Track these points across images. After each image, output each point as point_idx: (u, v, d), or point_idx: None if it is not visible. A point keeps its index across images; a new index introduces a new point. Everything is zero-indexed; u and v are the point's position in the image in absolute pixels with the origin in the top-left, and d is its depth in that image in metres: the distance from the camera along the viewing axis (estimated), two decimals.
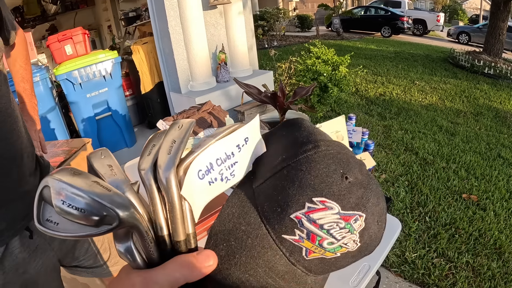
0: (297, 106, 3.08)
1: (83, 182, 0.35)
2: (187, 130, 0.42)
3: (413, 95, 6.04)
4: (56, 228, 0.36)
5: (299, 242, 0.42)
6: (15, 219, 1.00)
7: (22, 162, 1.00)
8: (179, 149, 0.40)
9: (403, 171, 3.56)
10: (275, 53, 4.94)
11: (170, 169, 0.38)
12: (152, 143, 0.43)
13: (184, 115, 2.02)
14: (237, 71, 4.10)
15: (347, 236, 0.43)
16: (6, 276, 1.02)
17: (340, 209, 0.41)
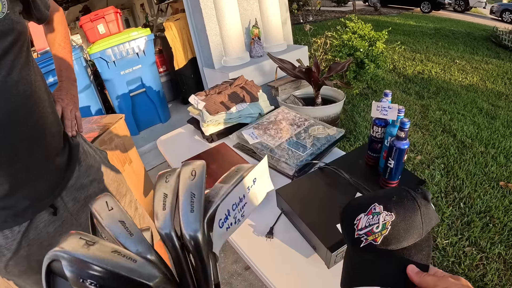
0: (332, 82, 3.04)
1: (103, 254, 0.32)
2: (202, 176, 0.43)
3: (453, 75, 5.82)
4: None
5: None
6: (39, 197, 1.02)
7: (45, 142, 1.01)
8: (201, 203, 0.39)
9: (440, 154, 3.45)
10: (310, 28, 4.82)
11: (198, 230, 0.38)
12: (162, 192, 0.42)
13: (216, 89, 2.00)
14: (271, 46, 4.03)
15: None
16: (30, 248, 1.04)
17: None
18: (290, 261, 1.19)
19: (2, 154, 0.88)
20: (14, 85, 0.88)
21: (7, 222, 0.97)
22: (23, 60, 0.92)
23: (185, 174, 0.42)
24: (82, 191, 1.18)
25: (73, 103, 1.28)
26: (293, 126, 1.77)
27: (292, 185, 1.38)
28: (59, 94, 1.27)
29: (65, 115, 1.21)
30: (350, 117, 4.21)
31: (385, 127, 1.33)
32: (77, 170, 1.17)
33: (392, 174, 1.26)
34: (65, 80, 1.33)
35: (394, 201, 0.67)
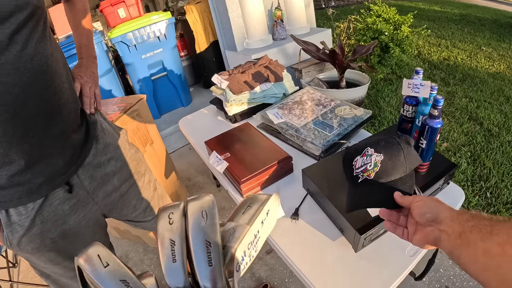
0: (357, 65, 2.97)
1: None
2: (214, 217, 0.37)
3: (479, 62, 5.65)
4: None
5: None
6: (55, 174, 1.00)
7: (61, 117, 0.99)
8: (219, 254, 0.35)
9: (466, 141, 3.35)
10: (333, 12, 4.74)
11: (221, 284, 0.34)
12: (168, 238, 0.36)
13: (240, 69, 1.97)
14: (294, 29, 3.96)
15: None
16: (44, 225, 1.03)
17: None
18: (315, 243, 1.16)
19: (17, 129, 0.86)
20: (29, 59, 0.86)
21: (21, 199, 0.96)
22: (39, 35, 0.90)
23: (193, 215, 0.37)
24: (99, 169, 1.16)
25: (93, 80, 1.27)
26: (319, 106, 1.73)
27: (319, 165, 1.34)
28: (78, 71, 1.25)
29: (83, 92, 1.20)
30: (374, 102, 4.14)
31: (417, 106, 1.28)
32: (94, 147, 1.15)
33: (424, 154, 1.22)
34: (85, 58, 1.32)
35: (382, 145, 0.91)
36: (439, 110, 1.10)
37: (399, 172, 0.87)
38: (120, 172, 1.25)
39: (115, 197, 1.24)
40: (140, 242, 2.54)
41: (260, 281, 2.16)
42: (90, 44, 1.35)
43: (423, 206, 0.68)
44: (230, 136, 1.67)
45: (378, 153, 0.90)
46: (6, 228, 0.99)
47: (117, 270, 0.35)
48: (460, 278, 2.04)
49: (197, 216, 0.37)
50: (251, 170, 1.38)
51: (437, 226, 0.62)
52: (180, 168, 3.31)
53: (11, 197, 0.95)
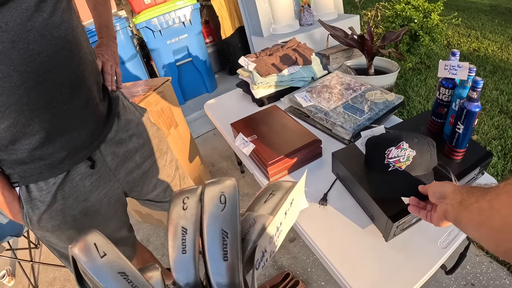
0: (386, 51, 2.90)
1: None
2: (235, 204, 0.32)
3: (511, 54, 5.49)
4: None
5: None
6: (77, 148, 0.99)
7: (85, 88, 0.99)
8: (238, 247, 0.30)
9: (497, 135, 3.26)
10: (360, 0, 4.65)
11: (238, 281, 0.30)
12: (180, 226, 0.32)
13: (268, 51, 1.94)
14: (321, 15, 3.89)
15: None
16: (66, 201, 1.02)
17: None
18: (344, 230, 1.13)
19: (41, 97, 0.85)
20: (56, 27, 0.86)
21: (42, 173, 0.96)
22: (65, 5, 0.90)
23: (210, 200, 0.32)
24: (121, 146, 1.16)
25: (114, 59, 1.28)
26: (349, 90, 1.68)
27: (349, 149, 1.31)
28: (99, 50, 1.26)
29: (105, 70, 1.21)
30: (403, 91, 4.06)
31: (453, 89, 1.22)
32: (116, 124, 1.15)
33: (460, 140, 1.16)
34: (105, 37, 1.32)
35: (415, 142, 1.02)
36: (479, 92, 1.05)
37: (422, 169, 1.03)
38: (142, 149, 1.25)
39: (137, 174, 1.23)
40: (162, 226, 2.55)
41: (282, 269, 2.14)
42: (109, 24, 1.35)
43: (433, 187, 0.78)
44: (257, 119, 1.64)
45: (412, 149, 1.02)
46: (26, 204, 0.98)
47: (115, 262, 0.30)
48: (487, 277, 1.99)
49: (215, 201, 0.32)
50: (279, 152, 1.35)
51: (444, 201, 0.71)
52: (204, 153, 3.30)
53: (32, 172, 0.94)
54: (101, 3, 1.32)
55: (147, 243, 2.46)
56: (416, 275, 0.98)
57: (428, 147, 1.03)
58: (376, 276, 0.99)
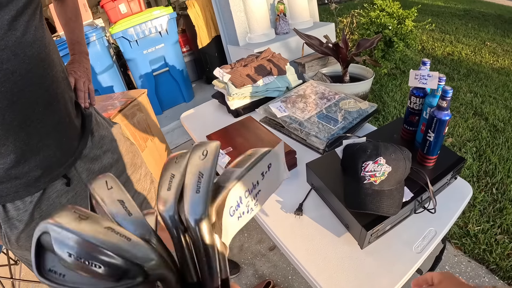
0: (361, 59, 2.94)
1: (94, 230, 0.30)
2: (214, 158, 0.37)
3: (484, 57, 5.62)
4: (63, 281, 0.31)
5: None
6: (52, 166, 0.99)
7: (58, 106, 0.98)
8: (209, 187, 0.35)
9: (471, 137, 3.33)
10: (336, 7, 4.70)
11: (202, 214, 0.34)
12: (170, 173, 0.38)
13: (242, 62, 1.94)
14: (297, 23, 3.93)
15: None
16: (43, 219, 1.00)
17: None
18: (320, 240, 1.14)
19: (15, 117, 0.85)
20: (29, 45, 0.86)
21: (18, 192, 0.95)
22: (37, 23, 0.90)
23: (195, 154, 0.37)
24: (96, 162, 1.17)
25: (86, 76, 1.28)
26: (323, 99, 1.69)
27: (324, 159, 1.32)
28: (71, 67, 1.26)
29: (78, 87, 1.21)
30: (378, 97, 4.11)
31: (424, 98, 1.25)
32: (90, 140, 1.16)
33: (431, 148, 1.18)
34: (77, 54, 1.32)
35: (393, 158, 1.03)
36: (448, 101, 1.07)
37: (395, 183, 1.05)
38: (116, 165, 1.25)
39: None
40: None
41: (263, 278, 2.14)
42: (82, 40, 1.35)
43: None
44: (232, 130, 1.64)
45: (388, 165, 1.03)
46: (4, 224, 0.97)
47: (117, 192, 0.37)
48: (466, 276, 2.02)
49: (198, 154, 0.37)
50: None
51: None
52: None
53: (8, 191, 0.93)
54: (73, 19, 1.32)
55: None
56: (392, 280, 0.98)
57: (404, 163, 1.05)
58: (353, 283, 0.99)
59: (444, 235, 1.13)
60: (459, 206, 1.20)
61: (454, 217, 1.16)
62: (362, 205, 1.02)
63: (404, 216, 1.13)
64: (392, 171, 1.03)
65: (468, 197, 1.25)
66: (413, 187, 1.12)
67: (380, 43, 4.03)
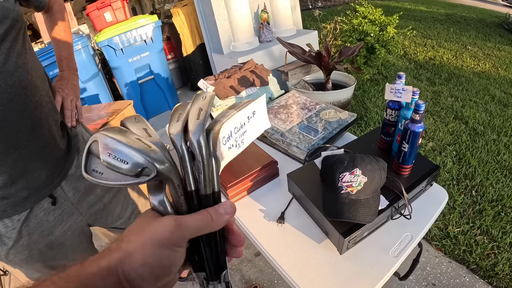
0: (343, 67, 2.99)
1: (127, 138, 0.41)
2: (210, 100, 0.50)
3: (465, 61, 5.72)
4: (100, 177, 0.42)
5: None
6: (38, 187, 1.01)
7: (42, 131, 0.99)
8: (206, 116, 0.47)
9: (452, 140, 3.40)
10: (320, 13, 4.76)
11: (201, 133, 0.45)
12: (178, 112, 0.49)
13: (226, 74, 1.98)
14: (280, 31, 3.98)
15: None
16: (31, 236, 1.04)
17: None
18: (301, 246, 1.18)
19: (0, 145, 0.86)
20: (10, 74, 0.86)
21: (6, 211, 0.97)
22: (19, 49, 0.90)
23: (197, 98, 0.49)
24: (82, 180, 1.17)
25: (74, 93, 1.27)
26: (304, 110, 1.74)
27: (304, 169, 1.36)
28: (59, 84, 1.25)
29: (65, 106, 1.21)
30: (361, 102, 4.17)
31: (399, 110, 1.30)
32: (76, 159, 1.16)
33: (406, 158, 1.23)
34: (66, 70, 1.32)
35: (368, 169, 1.09)
36: (421, 114, 1.12)
37: (371, 192, 1.10)
38: None
39: (99, 206, 1.25)
40: None
41: (249, 283, 2.18)
42: (70, 56, 1.35)
43: None
44: None
45: (364, 175, 1.09)
46: None
47: (143, 123, 0.48)
48: (447, 276, 2.08)
49: (199, 97, 0.49)
50: (237, 175, 1.39)
51: None
52: None
53: None
54: (62, 34, 1.32)
55: None
56: (370, 284, 1.03)
57: (379, 173, 1.11)
58: (333, 287, 1.03)
59: (420, 240, 1.18)
60: (435, 211, 1.25)
61: (430, 222, 1.21)
62: (340, 214, 1.06)
63: (381, 223, 1.17)
64: (368, 181, 1.09)
65: (444, 202, 1.29)
66: (389, 195, 1.17)
67: (362, 49, 4.09)
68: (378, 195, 1.13)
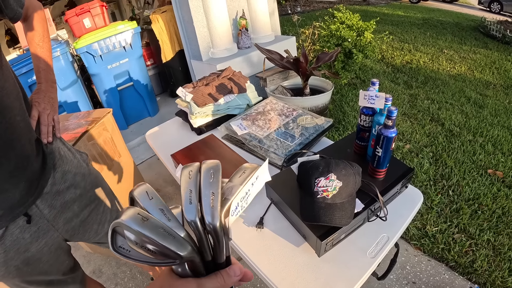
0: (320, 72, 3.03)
1: (153, 231, 0.44)
2: (218, 178, 0.52)
3: (441, 64, 5.85)
4: (129, 254, 0.47)
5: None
6: (12, 206, 0.99)
7: (15, 152, 0.97)
8: (218, 200, 0.50)
9: (428, 142, 3.47)
10: (298, 19, 4.80)
11: (217, 220, 0.49)
12: (188, 188, 0.52)
13: (204, 81, 2.00)
14: (259, 37, 4.00)
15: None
16: (7, 254, 1.02)
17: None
18: (280, 250, 1.20)
19: None
20: None
21: None
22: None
23: (205, 174, 0.52)
24: (58, 198, 1.15)
25: (51, 106, 1.24)
26: (282, 116, 1.77)
27: (281, 175, 1.38)
28: (36, 97, 1.22)
29: (41, 121, 1.17)
30: (339, 107, 4.22)
31: (373, 116, 1.34)
32: (52, 177, 1.13)
33: (380, 162, 1.27)
34: (44, 82, 1.28)
35: (343, 173, 1.13)
36: (393, 120, 1.16)
37: (347, 196, 1.13)
38: (80, 199, 1.23)
39: (75, 223, 1.23)
40: (112, 255, 2.52)
41: None
42: (48, 67, 1.32)
43: None
44: (195, 149, 1.69)
45: (339, 180, 1.12)
46: None
47: (158, 201, 0.51)
48: (427, 274, 2.11)
49: (207, 174, 0.52)
50: None
51: None
52: (149, 179, 3.29)
53: None
54: (40, 44, 1.29)
55: (99, 273, 2.43)
56: (348, 284, 1.05)
57: (354, 178, 1.14)
58: None
59: (396, 240, 1.21)
60: (411, 212, 1.28)
61: (406, 222, 1.24)
62: (316, 218, 1.09)
63: (357, 225, 1.20)
64: (343, 186, 1.12)
65: (419, 203, 1.33)
66: (365, 198, 1.20)
67: (340, 54, 4.14)
68: (354, 199, 1.15)
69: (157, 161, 3.64)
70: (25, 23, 1.28)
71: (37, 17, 1.29)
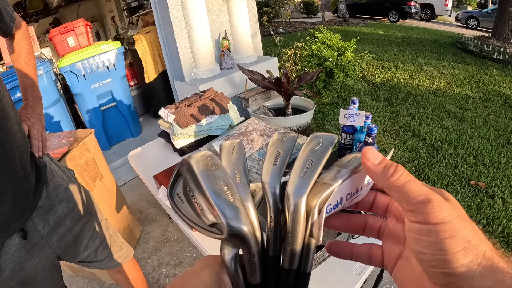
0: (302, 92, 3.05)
1: (213, 182, 0.36)
2: (328, 151, 0.39)
3: (421, 81, 5.96)
4: (180, 206, 0.38)
5: None
6: (9, 221, 0.98)
7: (14, 162, 0.97)
8: (314, 175, 0.36)
9: (410, 157, 3.52)
10: (280, 39, 4.88)
11: (303, 195, 0.36)
12: (277, 150, 0.41)
13: (186, 102, 2.01)
14: (241, 58, 4.04)
15: None
16: (2, 273, 1.01)
17: None
18: None
19: None
20: None
21: None
22: None
23: (312, 141, 0.40)
24: (51, 212, 1.14)
25: (40, 122, 1.24)
26: (264, 136, 1.78)
27: None
28: (24, 113, 1.22)
29: (32, 135, 1.17)
30: (321, 125, 4.26)
31: (353, 134, 1.36)
32: (45, 190, 1.13)
33: None
34: (31, 99, 1.29)
35: None
36: (373, 137, 1.18)
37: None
38: (72, 213, 1.23)
39: (68, 238, 1.22)
40: (95, 279, 2.47)
41: None
42: (34, 84, 1.32)
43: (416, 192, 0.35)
44: None
45: None
46: None
47: (237, 158, 0.43)
48: None
49: (314, 142, 0.40)
50: None
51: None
52: (131, 201, 3.26)
53: None
54: (26, 61, 1.30)
55: None
56: None
57: None
58: None
59: None
60: None
61: None
62: None
63: None
64: None
65: None
66: None
67: (321, 74, 4.21)
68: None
69: (139, 182, 3.61)
70: (11, 40, 1.28)
71: (23, 34, 1.30)
